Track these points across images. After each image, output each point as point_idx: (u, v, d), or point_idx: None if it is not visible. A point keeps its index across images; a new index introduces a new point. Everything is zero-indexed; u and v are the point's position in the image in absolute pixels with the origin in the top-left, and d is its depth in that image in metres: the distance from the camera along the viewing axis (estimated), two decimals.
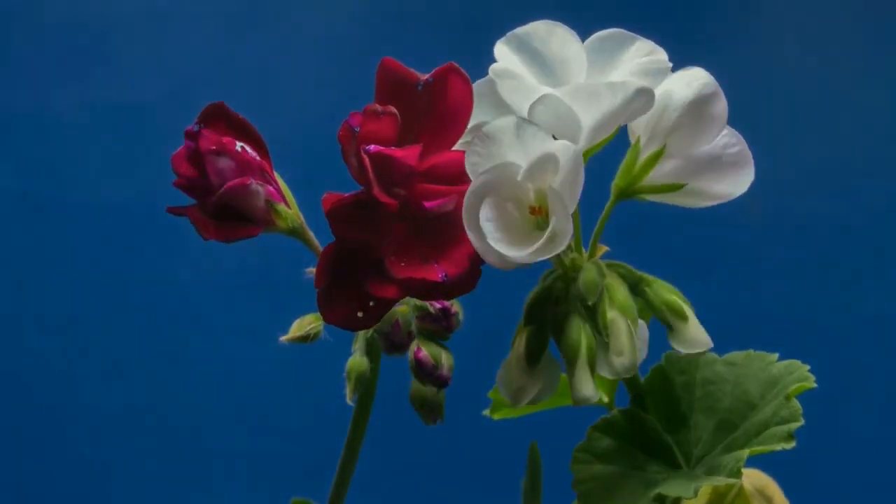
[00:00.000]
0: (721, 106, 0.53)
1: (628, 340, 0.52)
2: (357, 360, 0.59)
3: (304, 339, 0.58)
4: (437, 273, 0.50)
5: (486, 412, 0.68)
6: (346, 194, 0.51)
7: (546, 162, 0.49)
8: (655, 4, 1.36)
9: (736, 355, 0.59)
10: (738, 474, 0.53)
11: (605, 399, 0.67)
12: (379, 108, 0.51)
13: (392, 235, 0.51)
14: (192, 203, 0.55)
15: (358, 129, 0.51)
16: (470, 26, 1.36)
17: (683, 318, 0.54)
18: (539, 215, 0.50)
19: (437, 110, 0.53)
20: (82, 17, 1.37)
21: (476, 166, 0.50)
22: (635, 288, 0.55)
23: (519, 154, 0.50)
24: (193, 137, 0.54)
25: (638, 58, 0.52)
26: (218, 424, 1.32)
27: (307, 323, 0.59)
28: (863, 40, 1.38)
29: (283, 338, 0.58)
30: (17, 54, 1.38)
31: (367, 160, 0.50)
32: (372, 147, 0.50)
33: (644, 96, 0.50)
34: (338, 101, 0.53)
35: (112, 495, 1.32)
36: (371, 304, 0.51)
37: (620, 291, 0.53)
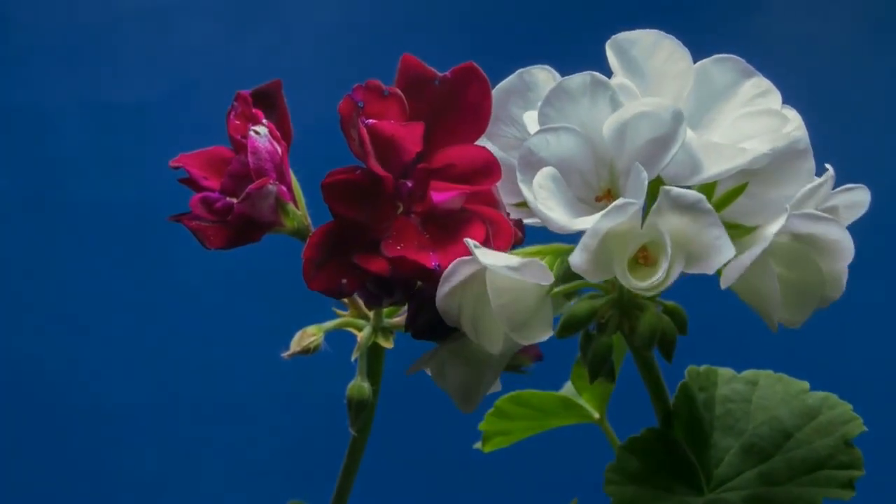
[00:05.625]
0: (810, 165, 0.50)
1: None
2: (357, 385, 0.58)
3: (304, 352, 0.58)
4: (430, 260, 0.50)
5: (477, 445, 0.68)
6: (343, 168, 0.51)
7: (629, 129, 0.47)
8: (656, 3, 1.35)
9: (756, 374, 0.57)
10: None
11: (596, 416, 0.66)
12: (382, 85, 0.51)
13: (393, 223, 0.51)
14: (190, 212, 0.54)
15: (362, 104, 0.51)
16: (474, 27, 1.36)
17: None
18: (606, 200, 0.48)
19: (453, 108, 0.52)
20: (82, 16, 1.37)
21: (547, 119, 0.48)
22: None
23: (594, 119, 0.48)
24: (241, 101, 0.55)
25: (752, 97, 0.51)
26: (217, 426, 1.32)
27: (307, 336, 0.58)
28: (863, 40, 1.38)
29: (285, 354, 0.58)
30: (17, 54, 1.37)
31: (364, 131, 0.50)
32: (371, 120, 0.51)
33: (766, 160, 0.49)
34: (339, 100, 0.52)
35: (111, 496, 1.31)
36: (357, 272, 0.50)
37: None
